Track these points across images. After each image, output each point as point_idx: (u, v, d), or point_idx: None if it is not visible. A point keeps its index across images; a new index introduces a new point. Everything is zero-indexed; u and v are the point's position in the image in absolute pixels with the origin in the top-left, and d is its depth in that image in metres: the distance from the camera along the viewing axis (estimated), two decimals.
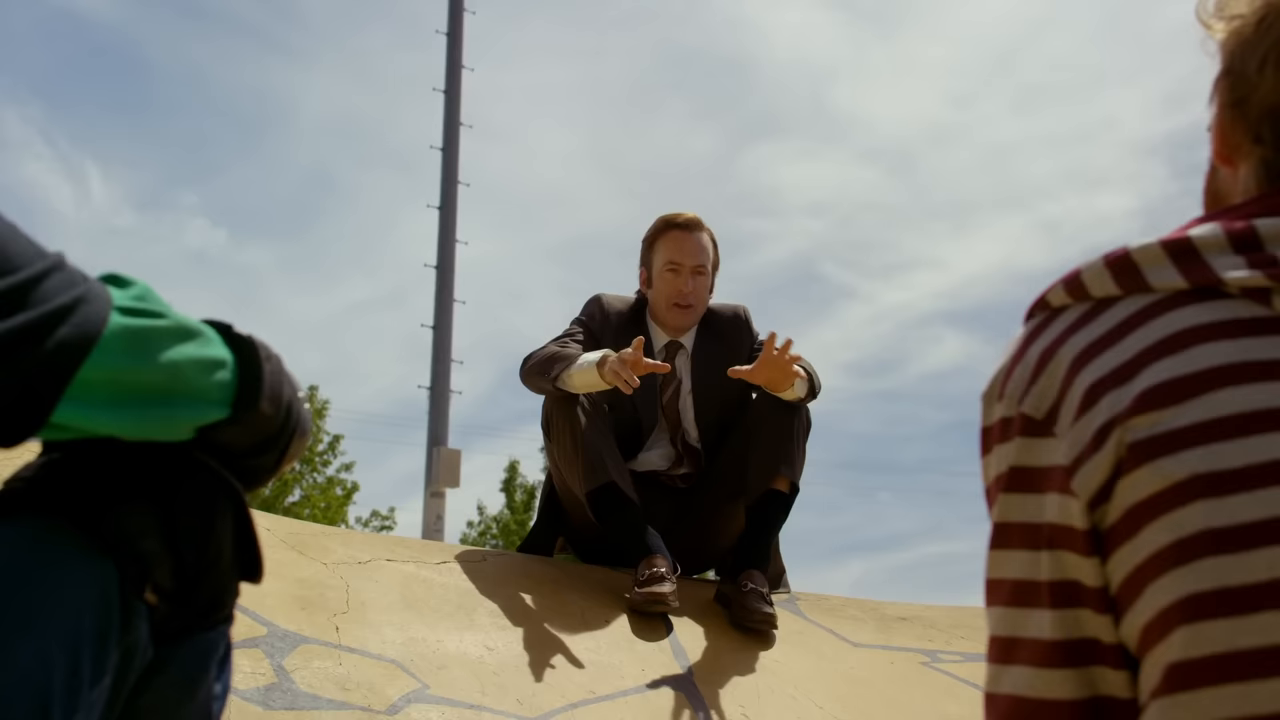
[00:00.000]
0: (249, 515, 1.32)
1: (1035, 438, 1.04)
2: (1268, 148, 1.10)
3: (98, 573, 1.15)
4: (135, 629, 1.18)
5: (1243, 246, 1.01)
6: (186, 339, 1.15)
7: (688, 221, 3.84)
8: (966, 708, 3.24)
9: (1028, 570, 1.05)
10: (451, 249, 16.08)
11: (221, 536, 1.28)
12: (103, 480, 1.20)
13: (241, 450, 1.27)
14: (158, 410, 1.13)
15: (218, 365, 1.19)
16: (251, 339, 1.24)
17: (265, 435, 1.27)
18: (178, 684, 1.27)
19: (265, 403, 1.23)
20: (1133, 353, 1.00)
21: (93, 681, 1.13)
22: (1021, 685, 1.06)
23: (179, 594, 1.23)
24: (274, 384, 1.25)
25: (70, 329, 1.02)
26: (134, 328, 1.09)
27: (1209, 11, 1.15)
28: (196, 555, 1.24)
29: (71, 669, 1.10)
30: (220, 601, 1.30)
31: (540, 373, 3.58)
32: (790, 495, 3.61)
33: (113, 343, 1.06)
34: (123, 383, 1.09)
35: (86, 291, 1.05)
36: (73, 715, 1.10)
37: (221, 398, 1.19)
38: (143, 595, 1.19)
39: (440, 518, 14.88)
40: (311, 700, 2.56)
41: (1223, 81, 1.14)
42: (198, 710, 1.31)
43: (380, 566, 3.26)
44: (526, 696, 2.82)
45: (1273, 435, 0.93)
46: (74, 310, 1.03)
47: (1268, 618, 0.90)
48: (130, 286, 1.14)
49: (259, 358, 1.23)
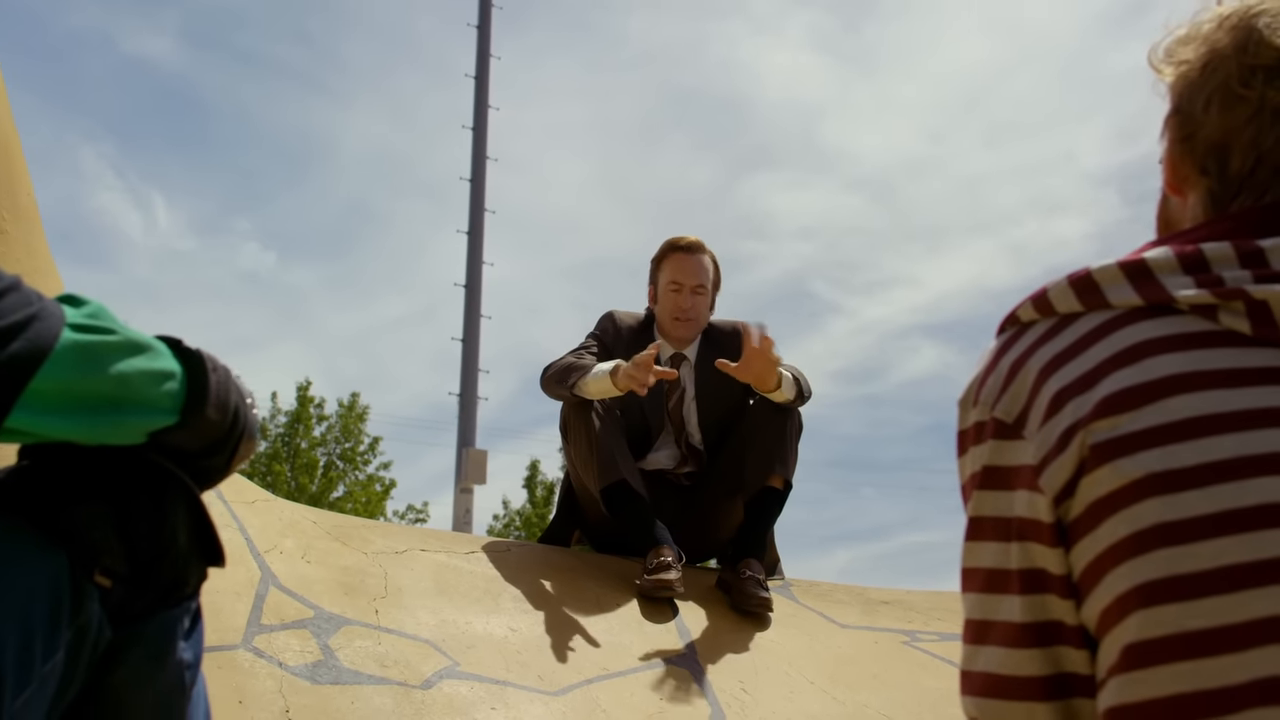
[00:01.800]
0: (203, 508, 1.33)
1: (1006, 440, 1.04)
2: (1212, 179, 1.11)
3: (49, 562, 1.17)
4: (86, 610, 1.19)
5: (1192, 268, 1.01)
6: (136, 353, 1.16)
7: (690, 245, 3.85)
8: (943, 682, 3.24)
9: (999, 560, 1.05)
10: (479, 270, 16.12)
11: (175, 526, 1.28)
12: (60, 481, 1.22)
13: (193, 452, 1.28)
14: (108, 417, 1.14)
15: (166, 376, 1.19)
16: (199, 352, 1.25)
17: (213, 439, 1.28)
18: (148, 658, 1.28)
19: (211, 409, 1.24)
20: (1094, 363, 0.99)
21: (45, 657, 1.14)
22: (994, 663, 1.06)
23: (137, 578, 1.24)
24: (220, 392, 1.26)
25: (22, 343, 1.02)
26: (84, 343, 1.10)
27: (1159, 57, 1.16)
28: (149, 543, 1.25)
29: (22, 647, 1.11)
30: (182, 582, 1.31)
31: (559, 381, 3.59)
32: (784, 491, 3.61)
33: (64, 356, 1.07)
34: (74, 393, 1.09)
35: (40, 310, 1.06)
36: (24, 688, 1.11)
37: (170, 405, 1.20)
38: (92, 578, 1.20)
39: (469, 511, 14.88)
40: (354, 676, 2.56)
41: (1172, 119, 1.14)
42: (169, 678, 1.32)
43: (415, 556, 3.26)
44: (546, 673, 2.82)
45: (1219, 437, 0.93)
46: (27, 326, 1.03)
47: (1214, 602, 0.90)
48: (84, 305, 1.15)
49: (206, 369, 1.24)
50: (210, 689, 1.45)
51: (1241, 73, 1.07)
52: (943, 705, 3.07)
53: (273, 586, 2.80)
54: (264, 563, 2.88)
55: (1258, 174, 1.08)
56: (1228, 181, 1.09)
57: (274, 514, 3.21)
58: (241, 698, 2.40)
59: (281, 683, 2.48)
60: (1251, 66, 1.07)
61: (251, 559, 2.87)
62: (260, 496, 3.30)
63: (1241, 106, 1.07)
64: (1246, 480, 0.91)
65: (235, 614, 2.63)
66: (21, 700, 1.11)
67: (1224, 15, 1.10)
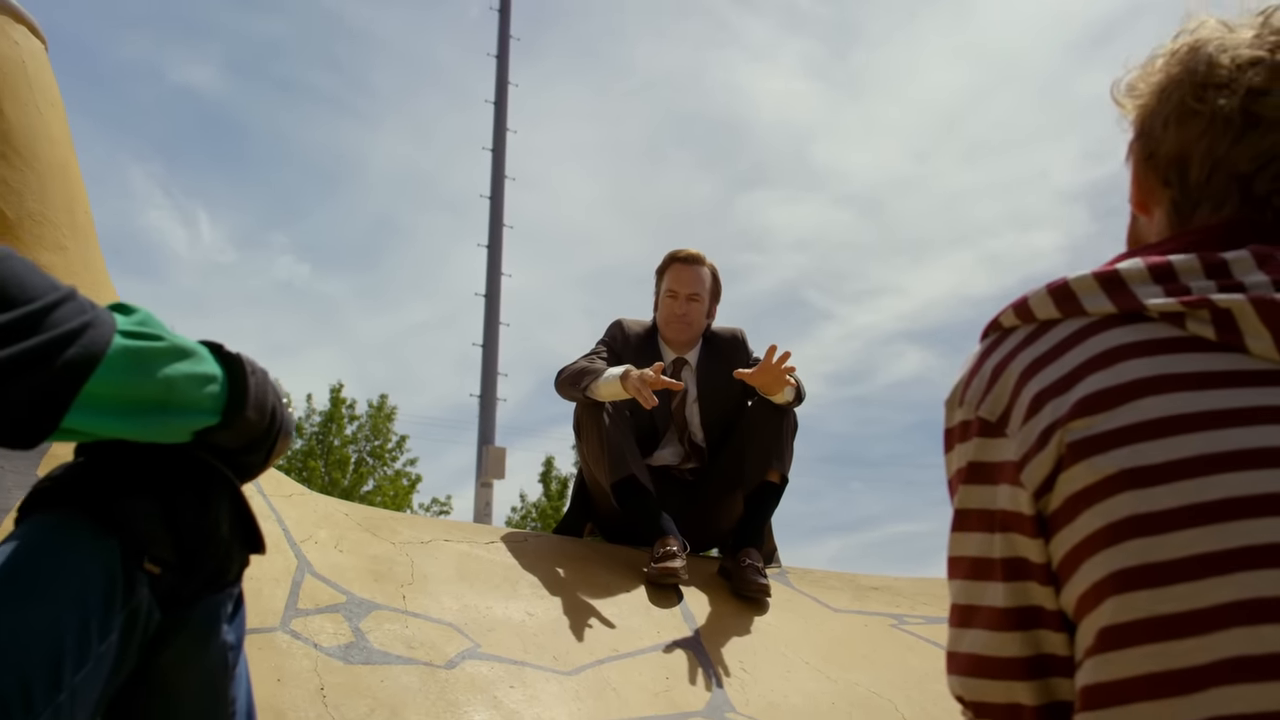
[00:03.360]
0: (244, 500, 1.32)
1: (990, 438, 1.04)
2: (1175, 189, 1.12)
3: (103, 550, 1.17)
4: (138, 594, 1.19)
5: (1161, 278, 1.01)
6: (181, 358, 1.15)
7: (688, 256, 3.86)
8: (928, 662, 3.23)
9: (984, 549, 1.05)
10: (498, 280, 16.11)
11: (218, 517, 1.28)
12: (113, 476, 1.21)
13: (234, 449, 1.27)
14: (156, 418, 1.14)
15: (209, 380, 1.19)
16: (239, 356, 1.24)
17: (252, 437, 1.28)
18: (194, 640, 1.28)
19: (251, 410, 1.24)
20: (1071, 367, 0.99)
21: (101, 637, 1.14)
22: (978, 645, 1.06)
23: (183, 565, 1.24)
24: (259, 394, 1.26)
25: (78, 349, 1.02)
26: (134, 348, 1.09)
27: (1121, 93, 1.18)
28: (194, 533, 1.25)
29: (81, 629, 1.12)
30: (225, 569, 1.31)
31: (572, 384, 3.59)
32: (781, 485, 3.60)
33: (115, 361, 1.07)
34: (124, 395, 1.09)
35: (94, 318, 1.06)
36: (82, 666, 1.12)
37: (213, 407, 1.20)
38: (143, 566, 1.20)
39: (489, 504, 14.87)
40: (383, 656, 2.56)
41: (1136, 143, 1.16)
42: (214, 658, 1.32)
43: (439, 546, 3.26)
44: (561, 654, 2.81)
45: (1187, 436, 0.93)
46: (82, 334, 1.03)
47: (1183, 588, 0.90)
48: (133, 313, 1.15)
49: (245, 372, 1.23)
50: (251, 668, 1.45)
51: (1194, 90, 1.09)
52: (928, 683, 3.07)
53: (308, 574, 2.80)
54: (300, 552, 2.88)
55: (1214, 181, 1.09)
56: (1188, 191, 1.11)
57: (309, 507, 3.21)
58: (280, 676, 2.40)
59: (317, 662, 2.48)
60: (1203, 84, 1.08)
61: (289, 548, 2.87)
62: (296, 490, 3.30)
63: (1195, 120, 1.09)
64: (1212, 476, 0.91)
65: (274, 599, 2.64)
66: (80, 677, 1.11)
67: (1174, 50, 1.13)
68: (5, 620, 1.08)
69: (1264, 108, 1.06)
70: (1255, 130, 1.06)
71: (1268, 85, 1.06)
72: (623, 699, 2.68)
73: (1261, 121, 1.06)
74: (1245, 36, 1.09)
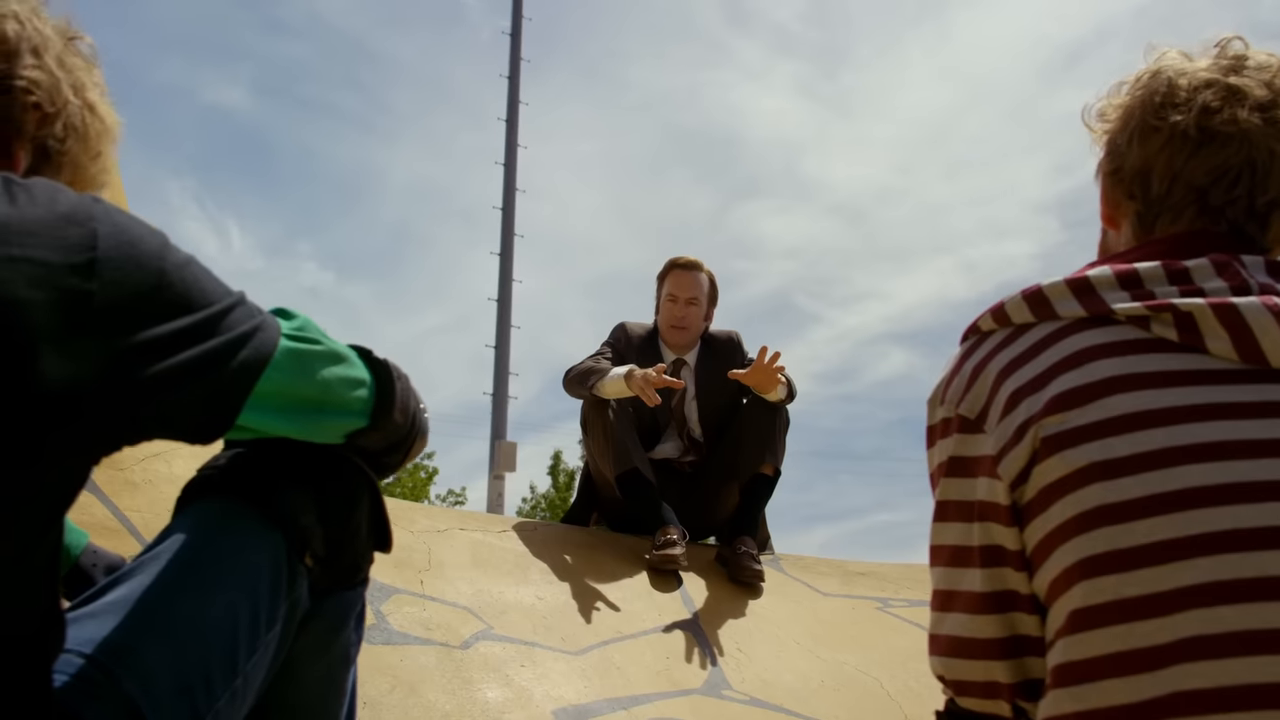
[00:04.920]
0: (381, 500, 1.31)
1: (969, 434, 1.04)
2: (1139, 201, 1.13)
3: (270, 543, 1.16)
4: (298, 587, 1.18)
5: (1127, 284, 1.02)
6: (336, 362, 1.14)
7: (687, 263, 3.85)
8: (911, 641, 3.23)
9: (963, 538, 1.05)
10: (509, 287, 16.10)
11: (360, 515, 1.27)
12: (273, 470, 1.20)
13: (376, 450, 1.26)
14: (314, 417, 1.13)
15: (360, 383, 1.17)
16: (386, 362, 1.22)
17: (395, 439, 1.26)
18: (325, 631, 1.26)
19: (396, 413, 1.22)
20: (1044, 367, 1.00)
21: (268, 626, 1.13)
22: (958, 628, 1.07)
23: (329, 560, 1.23)
24: (403, 398, 1.24)
25: (250, 351, 1.02)
26: (297, 350, 1.09)
27: (1091, 118, 1.20)
28: (340, 530, 1.24)
29: (252, 618, 1.11)
30: (358, 566, 1.29)
31: (579, 383, 3.59)
32: (774, 478, 3.60)
33: (281, 362, 1.06)
34: (288, 394, 1.08)
35: (262, 322, 1.05)
36: (253, 654, 1.11)
37: (362, 409, 1.18)
38: (304, 560, 1.19)
39: (501, 495, 14.86)
40: (403, 637, 2.56)
41: (1105, 161, 1.18)
42: (339, 651, 1.30)
43: (454, 534, 3.26)
44: (569, 635, 2.82)
45: (1151, 430, 0.93)
46: (253, 336, 1.02)
47: (1147, 573, 0.90)
48: (294, 319, 1.14)
49: (392, 377, 1.22)
50: None
51: (1155, 110, 1.10)
52: (911, 662, 3.07)
53: None
54: None
55: (1173, 193, 1.10)
56: (1150, 203, 1.12)
57: None
58: None
59: None
60: (1162, 104, 1.10)
61: None
62: None
63: (1156, 136, 1.10)
64: (1174, 468, 0.92)
65: None
66: (251, 663, 1.11)
67: (1138, 76, 1.15)
68: (189, 610, 1.07)
69: (1218, 124, 1.07)
70: (1210, 145, 1.07)
71: (1221, 104, 1.07)
72: (626, 677, 2.68)
73: (1216, 137, 1.07)
74: (1202, 64, 1.10)
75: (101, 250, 0.90)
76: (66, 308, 0.86)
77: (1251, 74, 1.07)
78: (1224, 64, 1.09)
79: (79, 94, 1.13)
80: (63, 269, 0.87)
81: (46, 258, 0.86)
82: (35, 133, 1.09)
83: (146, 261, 0.94)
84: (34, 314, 0.84)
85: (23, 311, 0.84)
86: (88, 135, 1.15)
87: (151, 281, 0.93)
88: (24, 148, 1.08)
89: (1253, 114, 1.06)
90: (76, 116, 1.13)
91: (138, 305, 0.92)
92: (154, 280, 0.94)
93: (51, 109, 1.09)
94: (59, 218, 0.89)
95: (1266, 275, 1.01)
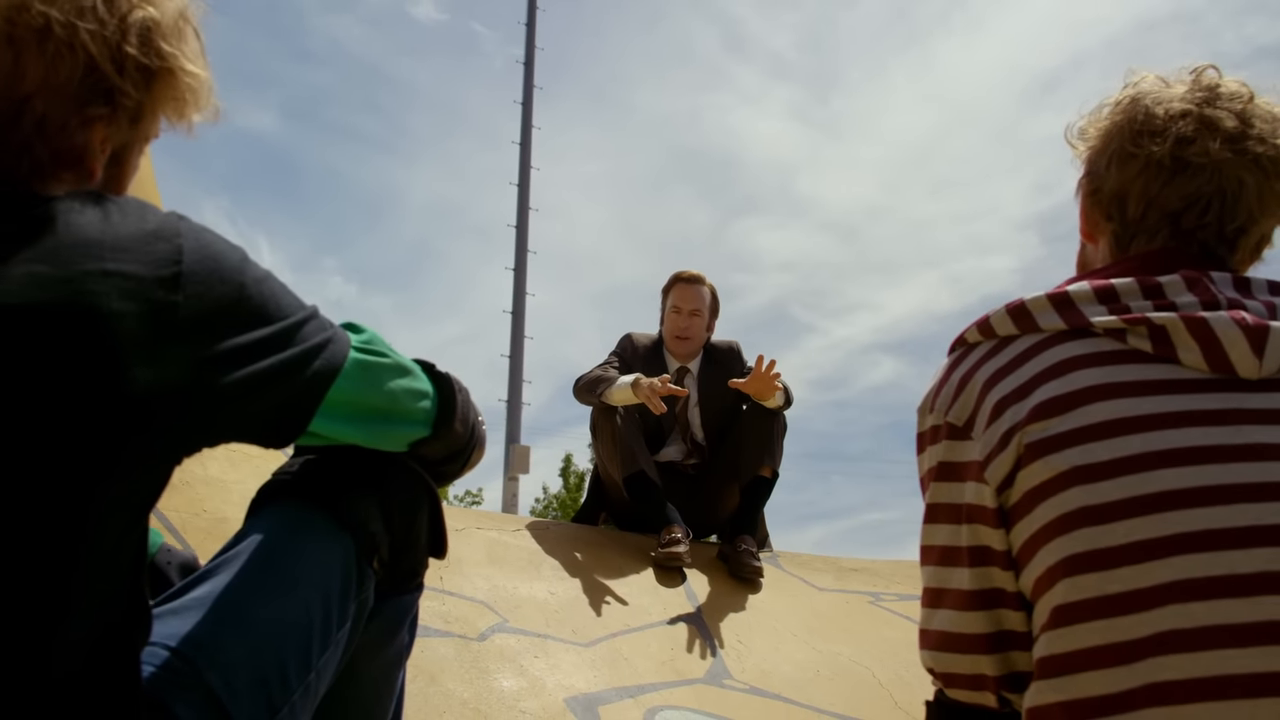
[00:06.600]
0: (440, 508, 1.30)
1: (957, 440, 1.04)
2: (1116, 223, 1.13)
3: (342, 544, 1.15)
4: (365, 590, 1.18)
5: (1105, 299, 1.02)
6: (402, 374, 1.13)
7: (690, 277, 3.86)
8: (901, 633, 3.22)
9: (952, 539, 1.05)
10: (523, 300, 16.10)
11: (421, 522, 1.26)
12: (342, 476, 1.19)
13: (437, 459, 1.25)
14: (380, 426, 1.12)
15: (423, 395, 1.17)
16: (448, 375, 1.22)
17: (456, 449, 1.25)
18: (382, 632, 1.25)
19: (457, 424, 1.21)
20: (1028, 377, 1.00)
21: (339, 625, 1.13)
22: (947, 624, 1.06)
23: (391, 564, 1.22)
24: (464, 410, 1.23)
25: (322, 361, 1.01)
26: (365, 362, 1.08)
27: (1073, 136, 1.20)
28: (402, 535, 1.23)
29: (325, 617, 1.11)
30: (415, 571, 1.28)
31: (588, 390, 3.59)
32: (772, 479, 3.60)
33: (351, 373, 1.05)
34: (356, 404, 1.08)
35: (334, 334, 1.05)
36: (325, 650, 1.10)
37: (425, 419, 1.17)
38: (372, 564, 1.18)
39: (515, 496, 14.85)
40: (423, 630, 2.56)
41: (1085, 180, 1.17)
42: (393, 652, 1.29)
43: (471, 533, 3.26)
44: (579, 628, 2.81)
45: (1129, 436, 0.93)
46: (325, 348, 1.02)
47: (1125, 571, 0.90)
48: (362, 332, 1.13)
49: (453, 390, 1.21)
50: None
51: (1133, 137, 1.10)
52: (902, 653, 3.06)
53: None
54: None
55: (1148, 217, 1.10)
56: (1127, 224, 1.12)
57: None
58: None
59: None
60: (1139, 131, 1.10)
61: None
62: None
63: (1133, 163, 1.10)
64: (1150, 472, 0.92)
65: None
66: (324, 660, 1.10)
67: (1118, 100, 1.14)
68: (268, 608, 1.07)
69: (1191, 154, 1.06)
70: (1183, 174, 1.07)
71: (1195, 135, 1.06)
72: (633, 667, 2.68)
73: (1189, 166, 1.07)
74: (1178, 91, 1.10)
75: (186, 264, 0.90)
76: (154, 318, 0.86)
77: (1224, 104, 1.07)
78: (1198, 95, 1.09)
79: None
80: (151, 282, 0.87)
81: (136, 271, 0.87)
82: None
83: (228, 275, 0.94)
84: (125, 324, 0.85)
85: (116, 323, 0.84)
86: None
87: (233, 294, 0.93)
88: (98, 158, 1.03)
89: (1224, 146, 1.05)
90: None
91: (220, 316, 0.92)
92: (235, 293, 0.94)
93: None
94: (147, 234, 0.89)
95: (1234, 291, 1.01)
